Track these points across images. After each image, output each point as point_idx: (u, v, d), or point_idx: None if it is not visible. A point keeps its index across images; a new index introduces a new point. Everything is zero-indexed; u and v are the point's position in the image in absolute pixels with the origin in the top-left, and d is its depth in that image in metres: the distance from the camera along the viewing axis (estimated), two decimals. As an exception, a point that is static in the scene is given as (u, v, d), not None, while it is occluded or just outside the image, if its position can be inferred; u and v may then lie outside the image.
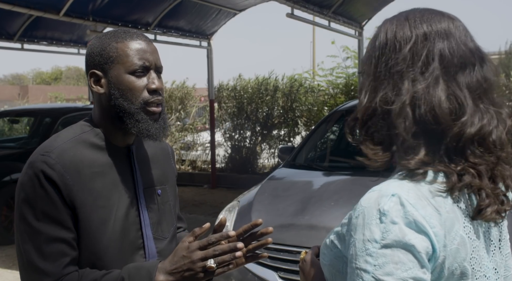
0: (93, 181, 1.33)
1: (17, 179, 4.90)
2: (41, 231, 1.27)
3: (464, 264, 0.91)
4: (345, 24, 8.41)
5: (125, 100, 1.34)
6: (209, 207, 7.61)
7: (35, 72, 49.91)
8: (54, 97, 24.51)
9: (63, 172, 1.28)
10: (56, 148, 1.32)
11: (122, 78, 1.34)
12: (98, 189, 1.34)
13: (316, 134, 4.99)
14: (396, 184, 0.91)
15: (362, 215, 0.89)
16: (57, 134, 1.39)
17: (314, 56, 27.01)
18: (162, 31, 8.71)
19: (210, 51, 9.61)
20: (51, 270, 1.27)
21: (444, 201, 0.90)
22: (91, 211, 1.31)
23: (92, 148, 1.37)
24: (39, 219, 1.27)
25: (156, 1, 7.89)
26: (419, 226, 0.86)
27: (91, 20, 7.50)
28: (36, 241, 1.27)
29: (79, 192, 1.30)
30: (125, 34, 1.38)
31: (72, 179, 1.29)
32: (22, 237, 1.30)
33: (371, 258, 0.86)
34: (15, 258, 5.56)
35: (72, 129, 1.41)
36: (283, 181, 4.26)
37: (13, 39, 8.61)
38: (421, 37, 0.94)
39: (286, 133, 9.89)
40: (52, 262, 1.27)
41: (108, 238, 1.34)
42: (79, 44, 9.63)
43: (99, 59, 1.37)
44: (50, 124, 7.06)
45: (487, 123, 0.92)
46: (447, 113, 0.90)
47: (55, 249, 1.27)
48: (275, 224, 3.38)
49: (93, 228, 1.31)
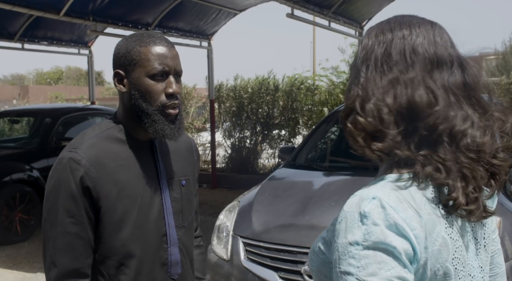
0: (118, 173, 1.45)
1: (17, 179, 4.92)
2: (60, 224, 1.40)
3: (446, 264, 0.92)
4: (345, 24, 8.42)
5: (144, 101, 1.44)
6: (209, 207, 7.61)
7: (37, 72, 49.93)
8: (55, 97, 24.53)
9: (89, 166, 1.40)
10: (82, 144, 1.44)
11: (142, 81, 1.44)
12: (123, 180, 1.45)
13: (317, 135, 4.99)
14: (377, 188, 0.93)
15: (345, 219, 0.91)
16: (84, 132, 1.52)
17: (314, 57, 27.02)
18: (162, 31, 8.71)
19: (210, 51, 9.61)
20: (61, 262, 1.40)
21: (425, 203, 0.92)
22: (116, 201, 1.44)
23: (117, 143, 1.48)
24: (61, 212, 1.40)
25: (156, 1, 7.89)
26: (399, 229, 0.87)
27: (91, 20, 7.50)
28: (54, 232, 1.40)
29: (105, 184, 1.42)
30: (149, 38, 1.46)
31: (98, 172, 1.41)
32: (45, 227, 1.43)
33: (354, 260, 0.87)
34: (15, 258, 5.56)
35: (98, 126, 1.53)
36: (283, 181, 4.26)
37: (13, 39, 8.62)
38: (400, 38, 1.00)
39: (287, 133, 9.88)
40: (64, 254, 1.40)
41: (132, 225, 1.46)
42: (79, 44, 9.64)
43: (123, 60, 1.46)
44: (50, 124, 7.06)
45: (460, 122, 0.94)
46: (424, 107, 0.93)
47: (70, 243, 1.40)
48: (276, 224, 3.38)
49: (118, 216, 1.44)
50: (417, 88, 0.94)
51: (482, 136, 0.95)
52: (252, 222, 3.41)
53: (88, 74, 10.34)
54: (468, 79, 0.99)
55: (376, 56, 1.00)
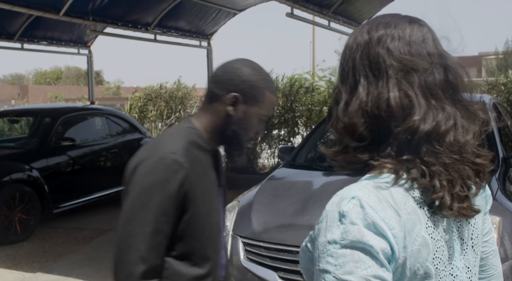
0: (202, 179, 1.55)
1: (16, 179, 4.90)
2: (154, 222, 1.43)
3: (426, 264, 0.92)
4: (345, 24, 8.42)
5: (245, 133, 1.60)
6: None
7: (37, 72, 49.89)
8: (54, 97, 24.53)
9: (189, 170, 1.48)
10: (181, 147, 1.50)
11: (254, 117, 1.58)
12: (205, 186, 1.56)
13: (316, 134, 4.99)
14: (358, 187, 0.93)
15: (326, 218, 0.92)
16: (171, 134, 1.58)
17: (314, 56, 27.03)
18: (162, 31, 8.72)
19: (210, 51, 9.62)
20: (150, 258, 1.43)
21: (405, 203, 0.92)
22: (201, 206, 1.53)
23: (199, 150, 1.57)
24: (156, 210, 1.43)
25: (156, 1, 7.89)
26: (377, 228, 0.88)
27: (91, 20, 7.50)
28: (146, 228, 1.43)
29: (196, 188, 1.51)
30: (274, 86, 1.64)
31: (193, 176, 1.50)
32: (132, 221, 1.44)
33: (332, 259, 0.88)
34: (14, 258, 5.55)
35: (180, 131, 1.59)
36: (283, 181, 4.26)
37: (13, 39, 8.62)
38: (375, 40, 0.99)
39: (286, 133, 9.88)
40: (154, 251, 1.44)
41: (209, 229, 1.57)
42: (79, 44, 9.63)
43: (247, 90, 1.56)
44: (50, 124, 7.05)
45: (441, 123, 0.93)
46: (399, 111, 0.93)
47: (160, 242, 1.45)
48: (275, 224, 3.38)
49: (201, 220, 1.53)
50: (392, 91, 0.94)
51: (464, 135, 0.95)
52: (251, 222, 3.41)
53: (88, 74, 10.35)
54: (450, 78, 0.97)
55: (354, 60, 1.00)
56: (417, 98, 0.94)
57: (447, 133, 0.93)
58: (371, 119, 0.95)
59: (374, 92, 0.95)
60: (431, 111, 0.93)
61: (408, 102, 0.93)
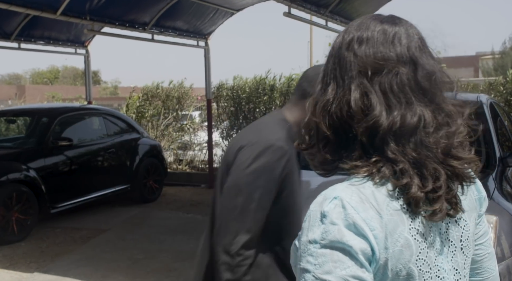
0: (295, 170, 1.72)
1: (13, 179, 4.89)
2: (258, 199, 1.60)
3: (409, 265, 0.92)
4: (342, 24, 8.42)
5: None
6: (206, 207, 7.57)
7: (34, 71, 49.78)
8: (52, 97, 24.49)
9: (289, 155, 1.65)
10: (283, 136, 1.67)
11: None
12: (296, 170, 1.74)
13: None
14: (341, 188, 0.94)
15: (308, 218, 0.93)
16: (271, 123, 1.73)
17: (311, 56, 27.04)
18: (159, 30, 8.71)
19: (207, 51, 9.61)
20: (254, 230, 1.60)
21: (388, 204, 0.92)
22: (295, 186, 1.73)
23: (291, 140, 1.69)
24: (261, 190, 1.61)
25: (153, 0, 7.88)
26: (358, 229, 0.88)
27: (88, 19, 7.49)
28: (252, 204, 1.60)
29: (291, 177, 1.69)
30: None
31: (291, 160, 1.67)
32: (237, 196, 1.61)
33: (312, 258, 0.89)
34: (12, 258, 5.55)
35: (279, 122, 1.73)
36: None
37: (10, 38, 8.60)
38: (346, 44, 1.01)
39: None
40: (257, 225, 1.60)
41: (293, 210, 1.74)
42: (76, 44, 9.62)
43: None
44: (47, 124, 7.04)
45: (403, 118, 0.93)
46: (359, 111, 0.94)
47: (262, 217, 1.61)
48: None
49: (292, 200, 1.72)
50: (353, 94, 0.95)
51: (435, 133, 0.94)
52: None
53: (85, 74, 10.32)
54: (420, 78, 0.97)
55: (328, 62, 1.03)
56: (378, 99, 0.94)
57: (411, 130, 0.93)
58: (333, 121, 0.97)
59: (340, 94, 0.97)
60: (393, 109, 0.93)
61: (368, 103, 0.94)
